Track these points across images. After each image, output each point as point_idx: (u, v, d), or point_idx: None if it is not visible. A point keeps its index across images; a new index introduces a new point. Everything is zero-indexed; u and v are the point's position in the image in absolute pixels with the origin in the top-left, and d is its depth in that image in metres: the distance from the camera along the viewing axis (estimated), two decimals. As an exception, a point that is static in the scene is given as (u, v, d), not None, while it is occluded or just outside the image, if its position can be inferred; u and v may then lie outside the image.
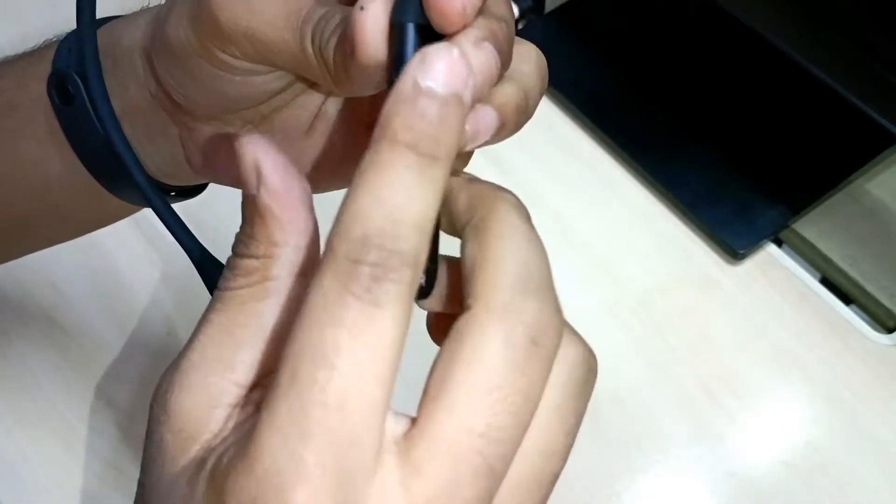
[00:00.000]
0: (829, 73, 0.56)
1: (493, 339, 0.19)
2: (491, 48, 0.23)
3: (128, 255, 0.57)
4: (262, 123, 0.30)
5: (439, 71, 0.19)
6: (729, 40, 0.63)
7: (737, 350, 0.53)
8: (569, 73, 0.64)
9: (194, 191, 0.35)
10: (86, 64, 0.29)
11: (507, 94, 0.24)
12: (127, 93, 0.30)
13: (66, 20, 0.31)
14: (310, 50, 0.25)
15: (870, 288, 0.55)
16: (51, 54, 0.32)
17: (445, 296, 0.24)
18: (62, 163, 0.32)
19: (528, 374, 0.19)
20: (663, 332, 0.54)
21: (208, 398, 0.21)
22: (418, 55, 0.19)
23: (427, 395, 0.19)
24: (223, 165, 0.31)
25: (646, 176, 0.59)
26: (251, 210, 0.21)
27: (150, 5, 0.32)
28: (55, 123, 0.32)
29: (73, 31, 0.32)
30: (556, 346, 0.20)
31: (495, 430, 0.19)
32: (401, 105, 0.19)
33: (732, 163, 0.59)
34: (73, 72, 0.30)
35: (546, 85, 0.27)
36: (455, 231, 0.23)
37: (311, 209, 0.22)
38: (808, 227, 0.57)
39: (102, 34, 0.31)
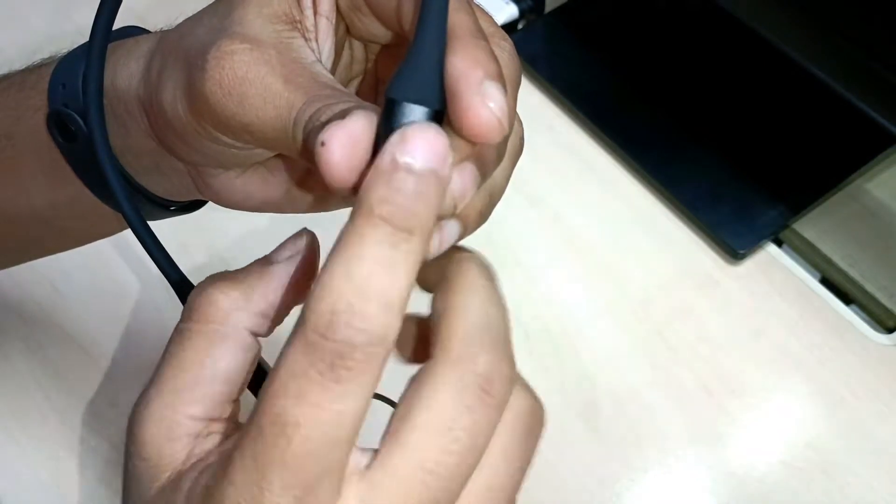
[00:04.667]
0: (828, 73, 0.56)
1: (447, 386, 0.21)
2: (472, 171, 0.22)
3: (127, 255, 0.57)
4: (268, 161, 0.30)
5: (418, 148, 0.20)
6: (729, 40, 0.63)
7: (737, 350, 0.53)
8: (569, 74, 0.64)
9: (194, 204, 0.35)
10: (89, 112, 0.28)
11: (472, 204, 0.24)
12: (129, 135, 0.30)
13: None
14: (300, 149, 0.24)
15: (870, 288, 0.55)
16: (44, 85, 0.31)
17: (416, 350, 0.25)
18: (70, 188, 0.32)
19: (476, 418, 0.21)
20: (663, 332, 0.54)
21: (166, 431, 0.23)
22: (398, 133, 0.20)
23: (388, 431, 0.21)
24: None
25: (646, 176, 0.59)
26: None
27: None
28: (57, 155, 0.32)
29: (64, 60, 0.31)
30: (506, 396, 0.22)
31: (442, 468, 0.21)
32: (378, 179, 0.19)
33: (732, 163, 0.59)
34: (72, 111, 0.30)
35: (521, 152, 0.27)
36: (427, 287, 0.24)
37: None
38: (808, 227, 0.57)
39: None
